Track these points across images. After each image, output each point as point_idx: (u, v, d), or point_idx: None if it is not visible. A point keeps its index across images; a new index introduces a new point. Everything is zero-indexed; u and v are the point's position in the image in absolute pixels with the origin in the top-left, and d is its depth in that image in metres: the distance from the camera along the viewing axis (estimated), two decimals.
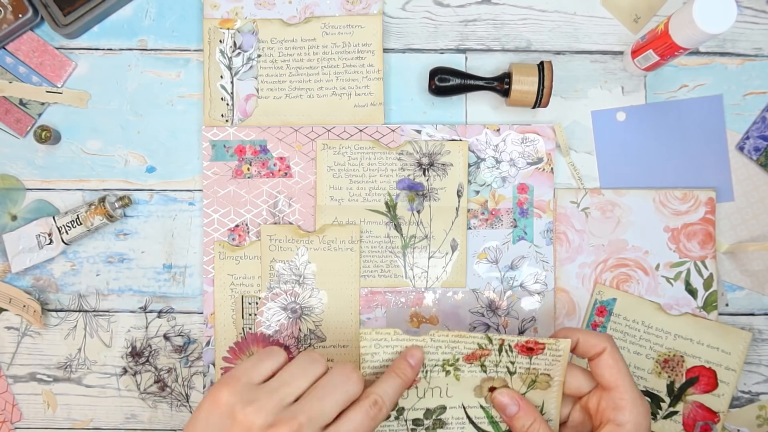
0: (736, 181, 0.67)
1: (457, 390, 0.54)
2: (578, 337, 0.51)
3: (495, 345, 0.53)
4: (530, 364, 0.53)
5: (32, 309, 0.65)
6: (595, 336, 0.51)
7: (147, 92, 0.66)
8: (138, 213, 0.66)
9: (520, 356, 0.53)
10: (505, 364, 0.53)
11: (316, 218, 0.65)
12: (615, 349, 0.51)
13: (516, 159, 0.66)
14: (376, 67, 0.65)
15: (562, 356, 0.52)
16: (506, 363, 0.53)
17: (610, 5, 0.67)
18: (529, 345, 0.52)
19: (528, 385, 0.54)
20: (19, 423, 0.66)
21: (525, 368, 0.53)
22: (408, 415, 0.54)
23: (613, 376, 0.50)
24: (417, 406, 0.54)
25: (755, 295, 0.67)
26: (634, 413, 0.49)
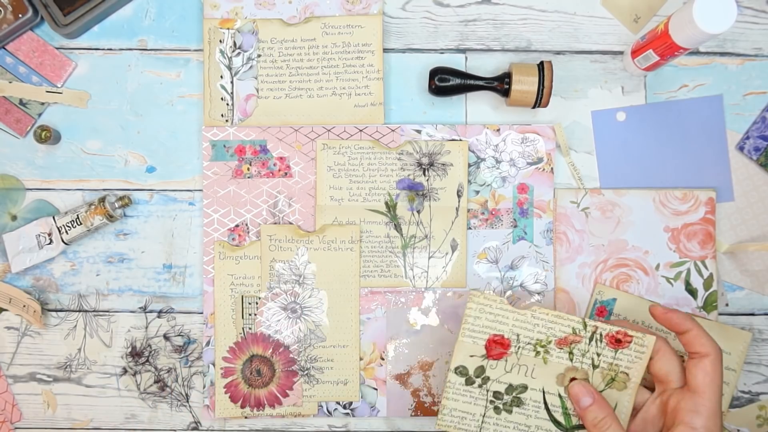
0: (736, 181, 0.67)
1: (541, 373, 0.57)
2: (692, 330, 0.53)
3: (588, 332, 0.56)
4: (614, 359, 0.56)
5: (32, 309, 0.65)
6: (708, 339, 0.53)
7: (147, 92, 0.66)
8: (138, 213, 0.66)
9: (607, 348, 0.56)
10: (591, 356, 0.56)
11: (316, 218, 0.65)
12: (719, 360, 0.52)
13: (516, 159, 0.66)
14: (376, 67, 0.65)
15: (644, 353, 0.55)
16: (593, 354, 0.56)
17: (610, 5, 0.67)
18: (618, 336, 0.55)
19: (606, 382, 0.56)
20: (19, 423, 0.66)
21: (608, 363, 0.56)
22: (491, 386, 0.57)
23: (705, 383, 0.52)
24: (502, 379, 0.57)
25: (755, 295, 0.67)
26: (710, 422, 0.50)
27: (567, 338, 0.56)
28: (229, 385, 0.65)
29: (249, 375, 0.65)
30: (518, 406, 0.57)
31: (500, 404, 0.57)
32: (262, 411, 0.65)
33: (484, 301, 0.56)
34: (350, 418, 0.66)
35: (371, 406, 0.65)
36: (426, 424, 0.66)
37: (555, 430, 0.57)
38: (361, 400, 0.65)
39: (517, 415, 0.57)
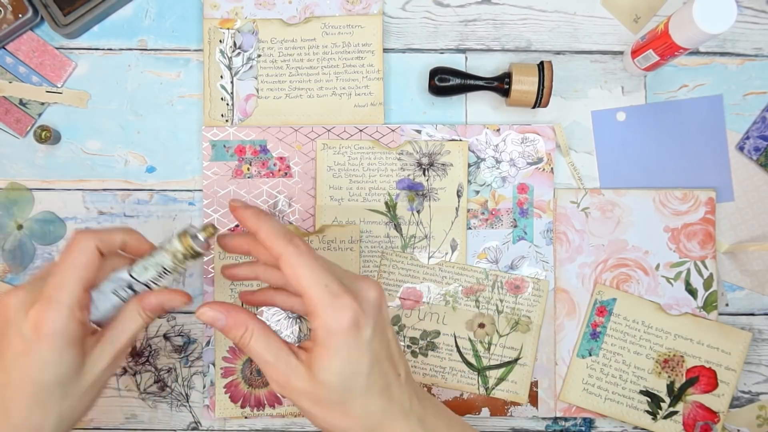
0: (736, 181, 0.67)
1: (451, 320, 0.64)
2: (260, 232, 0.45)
3: (490, 280, 0.64)
4: (515, 304, 0.64)
5: None
6: (275, 239, 0.44)
7: (147, 92, 0.66)
8: (138, 213, 0.66)
9: (508, 294, 0.64)
10: (495, 302, 0.64)
11: (316, 218, 0.65)
12: (296, 253, 0.43)
13: (516, 159, 0.66)
14: (376, 67, 0.65)
15: (542, 297, 0.63)
16: (496, 300, 0.64)
17: (610, 5, 0.67)
18: (516, 282, 0.64)
19: (511, 326, 0.64)
20: None
21: (510, 308, 0.64)
22: (407, 333, 0.64)
23: (296, 285, 0.44)
24: (416, 326, 0.64)
25: (755, 295, 0.67)
26: (323, 318, 0.43)
27: (472, 287, 0.64)
28: (229, 385, 0.65)
29: (249, 375, 0.65)
30: (433, 350, 0.64)
31: (416, 348, 0.64)
32: (262, 411, 0.65)
33: (396, 258, 0.64)
34: None
35: None
36: None
37: (467, 371, 0.64)
38: None
39: (432, 357, 0.64)
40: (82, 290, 0.45)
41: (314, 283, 0.43)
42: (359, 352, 0.43)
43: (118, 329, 0.47)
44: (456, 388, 0.65)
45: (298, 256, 0.43)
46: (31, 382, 0.44)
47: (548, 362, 0.65)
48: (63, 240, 0.66)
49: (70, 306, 0.44)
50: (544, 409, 0.65)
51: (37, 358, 0.43)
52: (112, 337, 0.47)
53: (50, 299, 0.44)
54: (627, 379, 0.65)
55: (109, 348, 0.46)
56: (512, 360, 0.65)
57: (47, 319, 0.43)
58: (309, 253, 0.44)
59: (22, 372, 0.44)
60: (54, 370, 0.44)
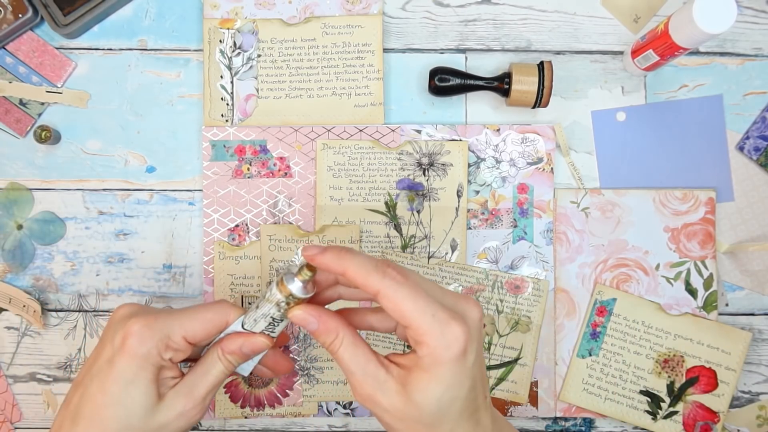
0: (736, 181, 0.67)
1: None
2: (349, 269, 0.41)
3: (490, 281, 0.64)
4: (515, 304, 0.63)
5: (32, 309, 0.65)
6: (367, 276, 0.41)
7: (147, 92, 0.66)
8: (138, 213, 0.66)
9: (508, 294, 0.64)
10: (495, 302, 0.64)
11: (316, 218, 0.65)
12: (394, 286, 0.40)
13: (516, 159, 0.66)
14: (376, 67, 0.65)
15: (542, 297, 0.63)
16: (496, 300, 0.64)
17: (610, 5, 0.67)
18: (516, 282, 0.63)
19: (511, 326, 0.64)
20: (19, 423, 0.66)
21: (510, 308, 0.64)
22: None
23: (400, 318, 0.41)
24: None
25: (755, 295, 0.67)
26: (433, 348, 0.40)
27: (472, 287, 0.64)
28: (229, 385, 0.65)
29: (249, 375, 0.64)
30: None
31: None
32: (262, 411, 0.65)
33: (396, 258, 0.63)
34: (350, 418, 0.66)
35: None
36: None
37: None
38: None
39: None
40: (185, 336, 0.45)
41: (420, 315, 0.40)
42: (462, 378, 0.41)
43: (198, 373, 0.46)
44: None
45: (397, 290, 0.40)
46: (103, 393, 0.44)
47: (548, 362, 0.65)
48: (62, 239, 0.66)
49: (166, 340, 0.44)
50: (544, 409, 0.65)
51: (116, 370, 0.44)
52: (191, 381, 0.46)
53: (151, 322, 0.44)
54: (627, 379, 0.65)
55: (185, 392, 0.45)
56: (512, 360, 0.65)
57: (137, 334, 0.44)
58: (406, 281, 0.41)
59: (101, 380, 0.44)
60: (127, 390, 0.44)
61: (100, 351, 0.45)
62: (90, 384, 0.45)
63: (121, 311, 0.46)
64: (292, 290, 0.43)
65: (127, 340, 0.44)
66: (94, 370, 0.45)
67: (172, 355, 0.45)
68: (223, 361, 0.46)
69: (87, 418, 0.44)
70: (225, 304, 0.47)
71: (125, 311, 0.46)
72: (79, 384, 0.46)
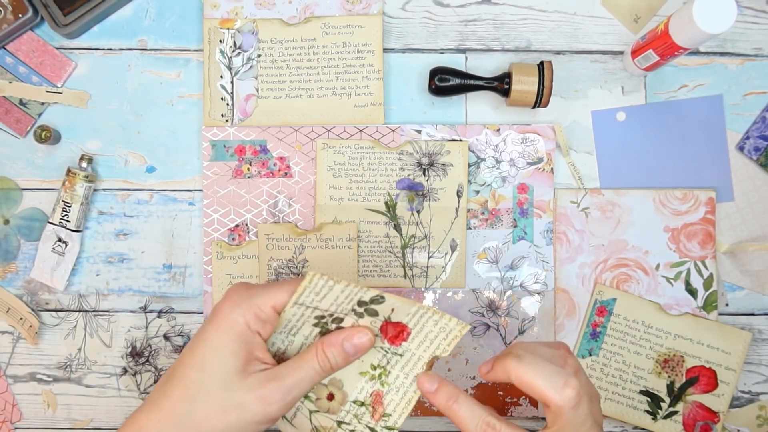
0: (736, 181, 0.66)
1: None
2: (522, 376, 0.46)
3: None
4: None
5: (28, 323, 0.64)
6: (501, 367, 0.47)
7: (147, 92, 0.66)
8: (138, 213, 0.66)
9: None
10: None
11: (316, 218, 0.65)
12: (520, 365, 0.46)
13: (516, 159, 0.66)
14: (376, 67, 0.65)
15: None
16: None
17: (610, 5, 0.67)
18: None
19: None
20: (19, 423, 0.66)
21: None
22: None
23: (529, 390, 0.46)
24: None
25: (755, 295, 0.66)
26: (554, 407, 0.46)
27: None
28: None
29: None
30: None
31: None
32: None
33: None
34: None
35: None
36: (426, 424, 0.66)
37: None
38: None
39: None
40: (274, 305, 0.45)
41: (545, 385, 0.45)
42: (583, 421, 0.45)
43: (290, 365, 0.45)
44: None
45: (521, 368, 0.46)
46: (192, 355, 0.44)
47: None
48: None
49: (255, 309, 0.44)
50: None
51: (206, 334, 0.44)
52: (281, 370, 0.45)
53: (243, 290, 0.45)
54: (627, 379, 0.65)
55: (271, 377, 0.45)
56: None
57: (228, 300, 0.44)
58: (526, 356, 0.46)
59: (193, 343, 0.45)
60: (212, 355, 0.44)
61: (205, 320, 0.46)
62: (186, 349, 0.45)
63: (238, 286, 0.47)
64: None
65: (219, 307, 0.45)
66: (194, 337, 0.46)
67: (261, 327, 0.45)
68: (320, 355, 0.45)
69: (175, 378, 0.45)
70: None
71: (240, 286, 0.46)
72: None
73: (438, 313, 0.45)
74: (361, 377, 0.48)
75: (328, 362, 0.46)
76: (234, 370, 0.44)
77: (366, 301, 0.46)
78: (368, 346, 0.46)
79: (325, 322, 0.48)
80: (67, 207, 0.63)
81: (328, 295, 0.46)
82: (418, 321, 0.46)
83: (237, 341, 0.44)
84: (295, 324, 0.48)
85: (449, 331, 0.46)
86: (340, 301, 0.46)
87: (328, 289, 0.46)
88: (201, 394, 0.44)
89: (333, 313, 0.47)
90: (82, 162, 0.64)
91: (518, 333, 0.65)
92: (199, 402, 0.44)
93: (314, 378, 0.46)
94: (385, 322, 0.47)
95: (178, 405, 0.44)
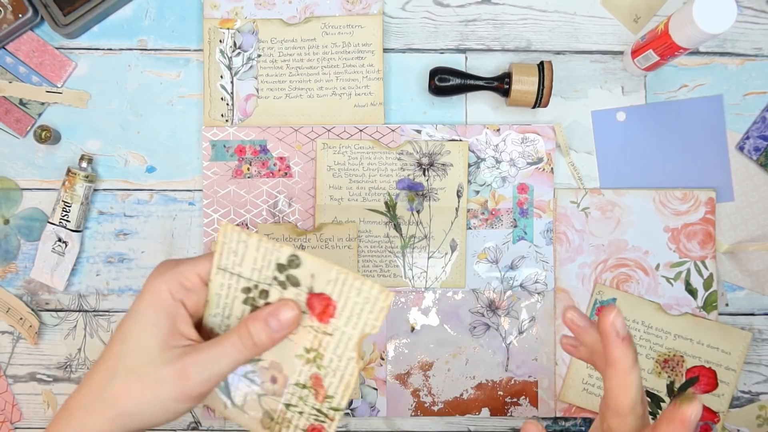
0: (736, 181, 0.66)
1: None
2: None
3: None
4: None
5: (28, 324, 0.64)
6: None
7: (147, 92, 0.66)
8: (138, 213, 0.66)
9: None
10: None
11: (316, 218, 0.65)
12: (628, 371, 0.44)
13: (516, 159, 0.66)
14: (376, 67, 0.65)
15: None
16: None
17: (610, 5, 0.67)
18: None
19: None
20: (19, 423, 0.66)
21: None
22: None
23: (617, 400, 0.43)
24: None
25: (755, 295, 0.66)
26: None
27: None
28: None
29: None
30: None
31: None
32: None
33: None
34: (350, 418, 0.66)
35: (371, 406, 0.65)
36: (426, 424, 0.66)
37: None
38: (361, 400, 0.65)
39: None
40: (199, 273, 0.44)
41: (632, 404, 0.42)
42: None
43: (213, 342, 0.43)
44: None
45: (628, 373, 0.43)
46: (120, 330, 0.43)
47: (548, 362, 0.65)
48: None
49: (179, 276, 0.43)
50: (544, 409, 0.65)
51: (133, 307, 0.43)
52: (203, 346, 0.43)
53: (170, 262, 0.44)
54: None
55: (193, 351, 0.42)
56: None
57: (154, 271, 0.43)
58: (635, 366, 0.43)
59: (127, 314, 0.44)
60: (136, 326, 0.42)
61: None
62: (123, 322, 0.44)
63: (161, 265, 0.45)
64: None
65: (147, 280, 0.43)
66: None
67: (185, 296, 0.43)
68: (242, 331, 0.43)
69: (103, 353, 0.44)
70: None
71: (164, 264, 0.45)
72: None
73: (358, 279, 0.43)
74: (297, 360, 0.47)
75: (250, 338, 0.43)
76: (155, 342, 0.42)
77: (284, 264, 0.43)
78: (294, 322, 0.43)
79: (252, 297, 0.45)
80: (67, 207, 0.63)
81: (246, 256, 0.44)
82: (341, 290, 0.43)
83: (159, 311, 0.43)
84: (226, 301, 0.46)
85: (374, 302, 0.43)
86: (259, 265, 0.44)
87: (243, 247, 0.44)
88: (121, 368, 0.42)
89: (258, 284, 0.45)
90: (82, 162, 0.64)
91: (518, 333, 0.65)
92: (119, 376, 0.42)
93: (235, 355, 0.43)
94: (310, 294, 0.44)
95: (101, 379, 0.43)
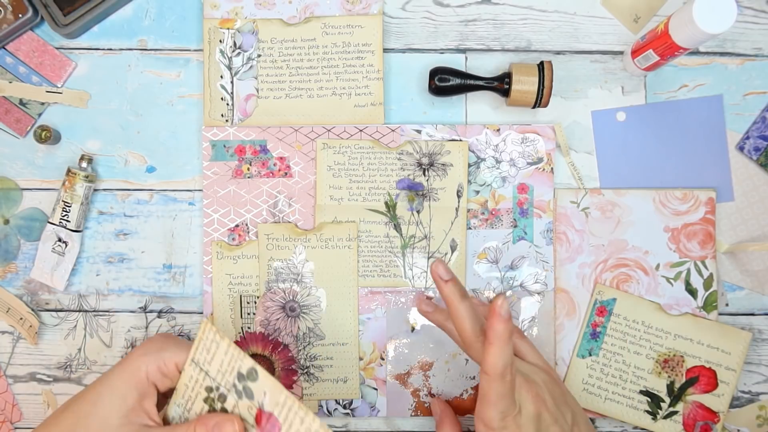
0: (736, 181, 0.66)
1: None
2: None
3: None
4: None
5: (28, 323, 0.64)
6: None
7: (147, 92, 0.66)
8: (138, 213, 0.66)
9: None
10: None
11: (316, 218, 0.65)
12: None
13: (516, 159, 0.66)
14: (376, 67, 0.65)
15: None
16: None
17: (610, 5, 0.67)
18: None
19: None
20: (19, 423, 0.66)
21: None
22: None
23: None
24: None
25: (755, 295, 0.66)
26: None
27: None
28: None
29: None
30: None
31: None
32: None
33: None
34: (350, 418, 0.66)
35: (371, 406, 0.65)
36: (426, 424, 0.66)
37: None
38: (361, 400, 0.65)
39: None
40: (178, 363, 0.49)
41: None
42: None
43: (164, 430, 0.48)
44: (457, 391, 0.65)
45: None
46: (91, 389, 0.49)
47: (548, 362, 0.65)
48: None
49: (160, 362, 0.48)
50: None
51: (110, 372, 0.49)
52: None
53: (157, 340, 0.49)
54: (627, 379, 0.65)
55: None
56: None
57: (141, 347, 0.49)
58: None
59: (99, 379, 0.49)
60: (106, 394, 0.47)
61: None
62: (94, 381, 0.49)
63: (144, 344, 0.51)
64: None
65: (132, 351, 0.49)
66: (104, 373, 0.50)
67: (158, 380, 0.48)
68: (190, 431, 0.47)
69: (70, 407, 0.48)
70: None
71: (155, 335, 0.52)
72: None
73: (303, 409, 0.45)
74: None
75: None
76: (118, 415, 0.47)
77: (244, 375, 0.47)
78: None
79: (212, 398, 0.49)
80: (67, 207, 0.63)
81: (216, 356, 0.48)
82: (287, 415, 0.45)
83: (131, 387, 0.47)
84: (190, 394, 0.50)
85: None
86: (224, 368, 0.48)
87: (215, 347, 0.48)
88: (80, 428, 0.47)
89: (219, 386, 0.48)
90: (82, 162, 0.64)
91: None
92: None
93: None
94: (259, 411, 0.47)
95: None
